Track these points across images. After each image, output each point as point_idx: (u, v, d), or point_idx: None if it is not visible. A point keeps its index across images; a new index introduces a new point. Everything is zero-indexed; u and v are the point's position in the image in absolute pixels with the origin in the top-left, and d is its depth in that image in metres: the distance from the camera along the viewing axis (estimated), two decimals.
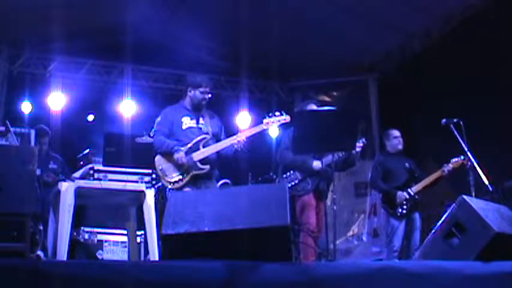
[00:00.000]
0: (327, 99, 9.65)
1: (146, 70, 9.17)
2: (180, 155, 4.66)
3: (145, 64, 9.03)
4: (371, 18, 7.41)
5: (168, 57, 8.53)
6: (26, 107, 8.27)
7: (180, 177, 4.68)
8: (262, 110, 4.95)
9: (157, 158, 4.77)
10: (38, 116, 8.24)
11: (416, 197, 5.79)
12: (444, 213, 3.71)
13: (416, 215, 5.86)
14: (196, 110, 4.91)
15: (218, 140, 4.89)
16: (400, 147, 6.06)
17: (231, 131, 4.98)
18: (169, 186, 4.68)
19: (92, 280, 2.43)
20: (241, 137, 4.77)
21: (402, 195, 5.77)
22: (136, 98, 8.98)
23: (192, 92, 4.90)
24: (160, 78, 9.20)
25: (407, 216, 5.78)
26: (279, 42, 8.10)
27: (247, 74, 9.27)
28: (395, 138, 6.08)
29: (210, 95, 4.92)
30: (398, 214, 5.77)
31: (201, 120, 4.90)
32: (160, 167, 4.74)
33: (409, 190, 5.78)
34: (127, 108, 8.87)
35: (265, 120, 4.91)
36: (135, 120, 8.73)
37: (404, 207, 5.76)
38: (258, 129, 4.93)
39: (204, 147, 4.76)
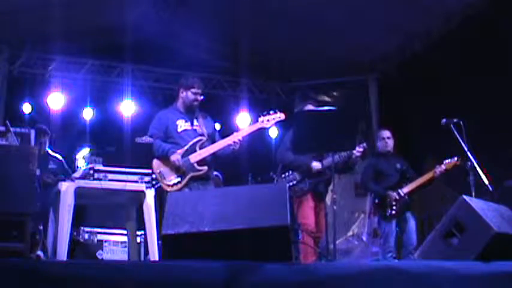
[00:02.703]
0: (327, 99, 9.64)
1: (146, 70, 9.17)
2: (176, 157, 4.67)
3: (145, 64, 9.03)
4: (371, 18, 7.41)
5: (168, 57, 8.53)
6: (26, 107, 8.27)
7: (179, 179, 4.68)
8: (262, 110, 4.94)
9: (155, 162, 4.78)
10: (38, 115, 8.24)
11: (407, 197, 5.76)
12: (444, 213, 3.71)
13: (408, 215, 5.83)
14: (189, 112, 4.93)
15: (213, 141, 4.91)
16: (389, 148, 6.04)
17: (231, 131, 4.98)
18: (168, 189, 4.68)
19: (92, 280, 2.42)
20: (236, 137, 4.78)
21: (393, 195, 5.76)
22: (136, 98, 8.99)
23: (184, 93, 4.92)
24: (160, 78, 9.20)
25: (397, 216, 5.77)
26: (279, 42, 8.10)
27: (247, 74, 9.27)
28: (383, 140, 6.07)
29: (202, 97, 4.94)
30: (388, 215, 5.76)
31: (195, 122, 4.91)
32: (158, 171, 4.75)
33: (399, 191, 5.77)
34: (127, 108, 8.87)
35: (260, 119, 4.93)
36: (135, 120, 8.73)
37: (394, 208, 5.74)
38: (253, 128, 4.95)
39: (200, 148, 4.78)
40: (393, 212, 5.74)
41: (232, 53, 8.55)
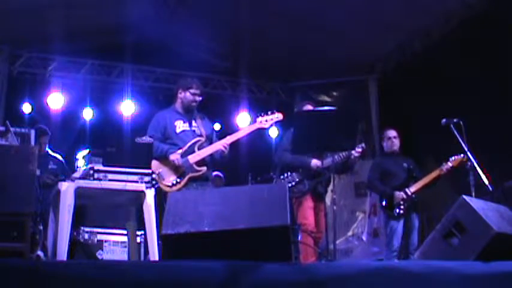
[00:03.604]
0: (327, 99, 9.64)
1: (146, 70, 9.17)
2: (175, 157, 4.68)
3: (145, 64, 9.03)
4: (371, 18, 7.41)
5: (168, 57, 8.53)
6: (26, 107, 8.26)
7: (178, 180, 4.68)
8: (262, 111, 4.96)
9: (154, 163, 4.79)
10: (38, 115, 8.24)
11: (414, 196, 5.77)
12: (444, 214, 3.71)
13: (414, 215, 5.84)
14: (187, 113, 4.94)
15: (211, 142, 4.92)
16: (395, 148, 6.04)
17: (231, 131, 4.99)
18: (167, 190, 4.68)
19: (92, 280, 2.43)
20: (225, 142, 4.79)
21: (400, 194, 5.76)
22: (136, 98, 8.98)
23: (183, 93, 4.93)
24: (160, 78, 9.19)
25: (404, 216, 5.77)
26: (279, 42, 8.10)
27: (247, 74, 9.27)
28: (389, 140, 6.07)
29: (200, 98, 4.95)
30: (396, 214, 5.76)
31: (193, 123, 4.92)
32: (157, 171, 4.75)
33: (406, 190, 5.77)
34: (127, 108, 8.87)
35: (258, 119, 4.93)
36: (135, 120, 8.73)
37: (402, 207, 5.74)
38: (252, 128, 4.95)
39: (199, 149, 4.78)
40: (401, 211, 5.74)
41: (232, 53, 8.55)
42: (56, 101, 8.44)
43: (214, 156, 4.86)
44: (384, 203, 5.89)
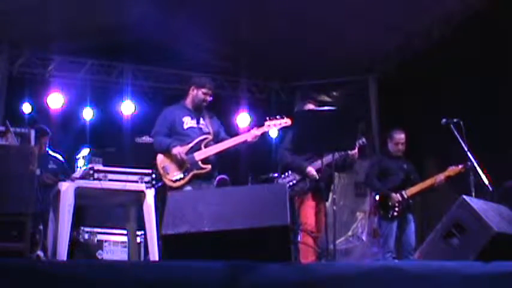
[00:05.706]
0: (327, 99, 9.64)
1: (146, 70, 9.16)
2: (177, 150, 4.69)
3: (145, 64, 9.02)
4: (371, 18, 7.40)
5: (168, 57, 8.52)
6: (26, 107, 8.26)
7: (182, 175, 4.70)
8: (262, 111, 4.99)
9: (159, 157, 4.81)
10: (37, 116, 8.23)
11: (410, 200, 5.77)
12: (444, 213, 3.71)
13: (410, 217, 5.83)
14: (196, 110, 4.96)
15: (218, 139, 4.93)
16: (400, 153, 6.04)
17: (231, 131, 5.00)
18: (170, 184, 4.70)
19: (92, 280, 2.43)
20: (252, 135, 4.81)
21: (396, 196, 5.75)
22: (136, 98, 8.98)
23: (195, 91, 4.96)
24: (160, 78, 9.19)
25: (399, 217, 5.77)
26: (279, 42, 8.09)
27: (247, 74, 9.27)
28: (398, 144, 6.01)
29: (211, 98, 4.97)
30: (390, 216, 5.76)
31: (201, 121, 4.95)
32: (162, 165, 4.78)
33: (402, 192, 5.77)
34: (127, 108, 8.87)
35: (266, 123, 4.95)
36: (135, 120, 8.73)
37: (396, 209, 5.74)
38: (260, 131, 4.97)
39: (205, 147, 4.80)
40: (395, 213, 5.74)
41: (232, 53, 8.55)
42: (56, 101, 8.44)
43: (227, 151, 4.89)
44: (377, 199, 5.90)
